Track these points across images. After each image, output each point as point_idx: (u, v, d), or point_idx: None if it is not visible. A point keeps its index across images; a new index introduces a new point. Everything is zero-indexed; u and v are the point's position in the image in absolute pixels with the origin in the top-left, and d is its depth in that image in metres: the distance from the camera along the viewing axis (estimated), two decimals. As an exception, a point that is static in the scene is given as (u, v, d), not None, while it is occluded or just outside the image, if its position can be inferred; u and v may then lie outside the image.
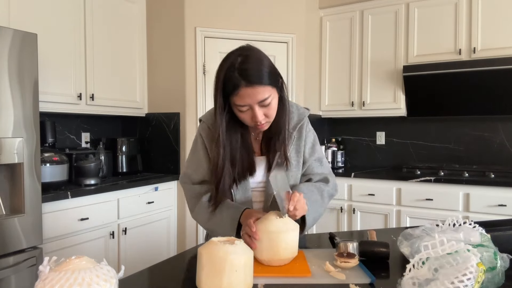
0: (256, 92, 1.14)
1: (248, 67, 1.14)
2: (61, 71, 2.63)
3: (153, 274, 1.08)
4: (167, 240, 3.14)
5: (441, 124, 3.53)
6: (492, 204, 2.78)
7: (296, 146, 1.37)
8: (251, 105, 1.16)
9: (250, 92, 1.14)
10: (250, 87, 1.13)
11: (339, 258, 1.06)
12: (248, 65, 1.14)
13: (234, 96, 1.16)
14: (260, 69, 1.15)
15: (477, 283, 0.73)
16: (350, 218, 3.33)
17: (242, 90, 1.14)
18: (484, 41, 3.05)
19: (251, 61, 1.16)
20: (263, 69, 1.16)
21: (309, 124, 1.42)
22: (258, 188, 1.37)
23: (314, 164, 1.42)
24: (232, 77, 1.14)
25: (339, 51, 3.68)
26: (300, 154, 1.38)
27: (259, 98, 1.15)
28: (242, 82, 1.13)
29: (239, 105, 1.17)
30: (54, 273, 0.73)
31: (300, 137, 1.38)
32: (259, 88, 1.14)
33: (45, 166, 2.32)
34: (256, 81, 1.14)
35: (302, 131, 1.38)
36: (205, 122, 1.36)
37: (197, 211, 1.35)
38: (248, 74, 1.13)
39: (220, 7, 3.20)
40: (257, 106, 1.17)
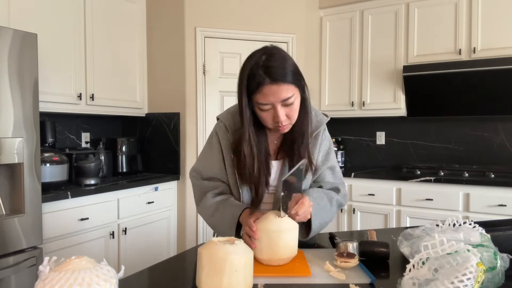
0: (280, 90, 1.13)
1: (272, 65, 1.13)
2: (61, 71, 2.63)
3: (153, 274, 1.08)
4: (167, 240, 3.14)
5: (441, 124, 3.53)
6: (492, 204, 2.78)
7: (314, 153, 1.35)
8: (273, 104, 1.15)
9: (274, 90, 1.13)
10: (275, 85, 1.12)
11: (339, 258, 1.06)
12: (273, 62, 1.14)
13: (257, 94, 1.14)
14: (284, 67, 1.14)
15: (477, 283, 0.73)
16: (350, 218, 3.33)
17: (266, 88, 1.13)
18: (484, 41, 3.05)
19: (276, 59, 1.15)
20: (287, 67, 1.15)
21: (326, 131, 1.41)
22: (269, 190, 1.35)
23: (326, 172, 1.40)
24: (256, 74, 1.13)
25: (339, 51, 3.68)
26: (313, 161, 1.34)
27: (283, 96, 1.14)
28: (267, 79, 1.12)
29: (261, 104, 1.15)
30: (54, 273, 0.73)
31: (314, 144, 1.35)
32: (283, 86, 1.13)
33: (45, 166, 2.32)
34: (280, 79, 1.12)
35: (317, 138, 1.36)
36: (223, 121, 1.34)
37: (202, 206, 1.36)
38: (272, 72, 1.12)
39: (220, 7, 3.20)
40: (279, 105, 1.15)
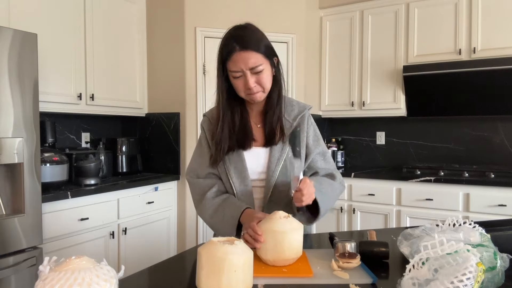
0: (248, 56, 1.21)
1: (242, 34, 1.24)
2: (61, 71, 2.63)
3: (153, 274, 1.08)
4: (167, 240, 3.14)
5: (441, 124, 3.53)
6: (492, 204, 2.78)
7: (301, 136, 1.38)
8: (243, 71, 1.23)
9: (243, 56, 1.21)
10: (244, 51, 1.21)
11: (341, 259, 1.06)
12: (243, 32, 1.24)
13: (229, 62, 1.23)
14: (254, 37, 1.24)
15: (476, 282, 0.73)
16: (350, 218, 3.33)
17: (235, 55, 1.22)
18: (484, 41, 3.05)
19: (247, 30, 1.26)
20: (257, 38, 1.24)
21: (311, 119, 1.44)
22: (258, 181, 1.37)
23: (318, 157, 1.43)
24: (228, 43, 1.24)
25: (339, 51, 3.68)
26: (303, 144, 1.39)
27: (251, 64, 1.22)
28: (236, 47, 1.21)
29: (233, 71, 1.24)
30: (54, 273, 0.73)
31: (302, 128, 1.39)
32: (251, 53, 1.21)
33: (45, 166, 2.32)
34: (248, 46, 1.21)
35: (303, 122, 1.40)
36: (207, 116, 1.42)
37: (202, 208, 1.36)
38: (242, 40, 1.22)
39: (220, 7, 3.20)
40: (249, 73, 1.23)
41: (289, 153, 1.35)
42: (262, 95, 1.30)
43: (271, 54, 1.28)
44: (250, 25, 1.28)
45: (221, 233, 1.30)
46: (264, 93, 1.29)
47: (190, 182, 1.43)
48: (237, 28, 1.26)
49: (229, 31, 1.27)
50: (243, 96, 1.30)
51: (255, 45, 1.22)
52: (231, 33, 1.25)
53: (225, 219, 1.28)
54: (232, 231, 1.24)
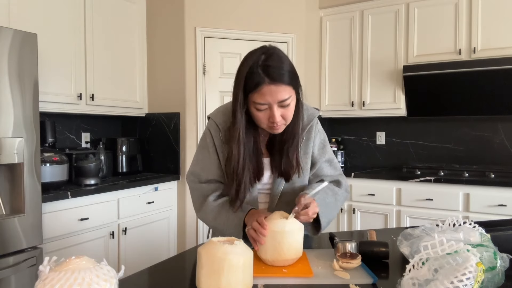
0: (278, 90, 1.13)
1: (272, 65, 1.13)
2: (61, 71, 2.63)
3: (153, 274, 1.08)
4: (167, 240, 3.14)
5: (441, 124, 3.53)
6: (492, 204, 2.78)
7: (304, 148, 1.35)
8: (270, 104, 1.15)
9: (272, 90, 1.13)
10: (273, 85, 1.13)
11: (341, 259, 1.06)
12: (272, 62, 1.14)
13: (255, 93, 1.14)
14: (283, 68, 1.14)
15: (476, 282, 0.73)
16: (350, 218, 3.33)
17: (264, 87, 1.13)
18: (484, 41, 3.05)
19: (275, 59, 1.15)
20: (286, 68, 1.15)
21: (318, 125, 1.41)
22: (264, 189, 1.36)
23: (324, 165, 1.40)
24: (255, 73, 1.13)
25: (339, 51, 3.68)
26: (309, 156, 1.36)
27: (280, 97, 1.14)
28: (266, 79, 1.12)
29: (258, 103, 1.15)
30: (54, 273, 0.73)
31: (308, 138, 1.36)
32: (281, 86, 1.13)
33: (45, 166, 2.32)
34: (279, 79, 1.13)
35: (311, 132, 1.36)
36: (214, 120, 1.33)
37: (204, 211, 1.33)
38: (271, 72, 1.12)
39: (220, 7, 3.20)
40: (276, 106, 1.15)
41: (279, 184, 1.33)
42: (284, 127, 1.24)
43: (297, 81, 1.20)
44: (275, 51, 1.18)
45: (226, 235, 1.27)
46: (286, 124, 1.23)
47: (192, 187, 1.39)
48: (264, 54, 1.16)
49: (253, 58, 1.16)
50: (263, 127, 1.23)
51: (284, 77, 1.14)
52: (257, 61, 1.14)
53: (229, 219, 1.25)
54: (237, 232, 1.22)
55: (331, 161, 1.42)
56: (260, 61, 1.14)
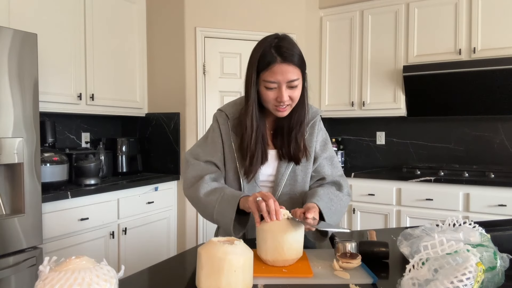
0: (288, 70, 1.20)
1: (284, 45, 1.22)
2: (61, 71, 2.63)
3: (153, 274, 1.08)
4: (167, 240, 3.14)
5: (441, 124, 3.53)
6: (492, 204, 2.78)
7: (308, 142, 1.38)
8: (279, 83, 1.21)
9: (283, 69, 1.20)
10: (284, 64, 1.20)
11: (341, 259, 1.06)
12: (284, 44, 1.23)
13: (266, 72, 1.21)
14: (293, 50, 1.23)
15: (476, 282, 0.73)
16: (350, 218, 3.33)
17: (276, 66, 1.20)
18: (484, 41, 3.05)
19: (287, 42, 1.24)
20: (296, 52, 1.24)
21: (321, 123, 1.45)
22: (267, 182, 1.38)
23: (325, 162, 1.42)
24: (268, 53, 1.21)
25: (339, 51, 3.68)
26: (312, 149, 1.39)
27: (289, 77, 1.21)
28: (278, 58, 1.19)
29: (269, 81, 1.21)
30: (54, 273, 0.73)
31: (312, 133, 1.40)
32: (291, 67, 1.21)
33: (45, 166, 2.32)
34: (290, 60, 1.20)
35: (314, 128, 1.41)
36: (224, 110, 1.39)
37: (196, 187, 1.32)
38: (284, 52, 1.20)
39: (220, 7, 3.20)
40: (284, 86, 1.22)
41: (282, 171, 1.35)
42: (289, 110, 1.29)
43: (304, 67, 1.28)
44: (288, 37, 1.28)
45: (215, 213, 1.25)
46: (291, 107, 1.29)
47: (189, 162, 1.39)
48: (277, 38, 1.24)
49: (267, 41, 1.24)
50: (269, 107, 1.28)
51: (295, 58, 1.22)
52: (270, 42, 1.22)
53: (224, 197, 1.24)
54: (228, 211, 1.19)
55: (332, 160, 1.44)
56: (274, 43, 1.22)
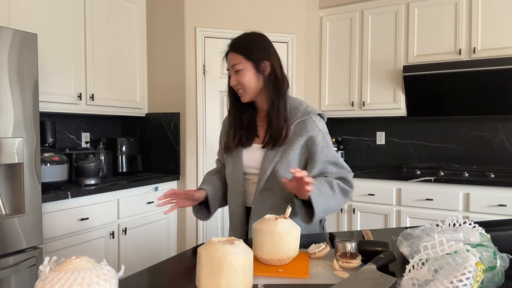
0: (232, 57, 1.41)
1: (235, 38, 1.45)
2: (61, 71, 2.63)
3: (153, 274, 1.08)
4: (167, 240, 3.14)
5: (441, 124, 3.53)
6: (492, 204, 2.78)
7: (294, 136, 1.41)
8: (229, 69, 1.43)
9: (230, 57, 1.42)
10: (231, 52, 1.42)
11: (341, 259, 1.06)
12: (238, 37, 1.45)
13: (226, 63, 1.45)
14: (243, 40, 1.43)
15: (476, 282, 0.73)
16: (350, 218, 3.33)
17: (228, 55, 1.44)
18: (484, 41, 3.05)
19: (243, 35, 1.45)
20: (245, 41, 1.43)
21: (318, 125, 1.45)
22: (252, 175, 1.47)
23: (327, 165, 1.43)
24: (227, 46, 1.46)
25: (339, 51, 3.68)
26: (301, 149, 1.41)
27: (231, 62, 1.41)
28: (228, 48, 1.44)
29: (227, 69, 1.45)
30: (54, 273, 0.73)
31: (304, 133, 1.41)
32: (234, 54, 1.41)
33: (45, 166, 2.32)
34: (233, 48, 1.42)
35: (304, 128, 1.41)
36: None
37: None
38: (232, 43, 1.45)
39: (220, 7, 3.20)
40: (232, 71, 1.41)
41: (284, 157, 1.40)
42: (245, 95, 1.42)
43: (258, 58, 1.38)
44: (252, 33, 1.45)
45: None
46: (246, 93, 1.41)
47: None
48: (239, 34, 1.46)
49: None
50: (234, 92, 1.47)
51: (238, 47, 1.40)
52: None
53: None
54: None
55: (336, 161, 1.45)
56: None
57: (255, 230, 1.12)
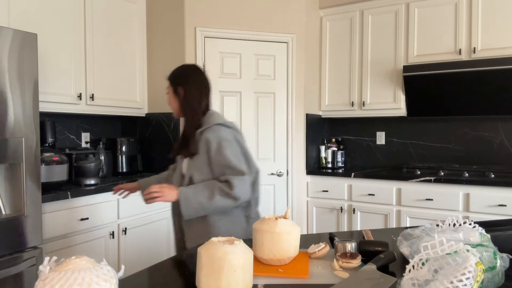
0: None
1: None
2: (61, 71, 2.63)
3: (153, 274, 1.08)
4: (167, 240, 3.14)
5: (441, 124, 3.53)
6: (492, 204, 2.79)
7: (198, 144, 1.67)
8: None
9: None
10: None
11: (341, 259, 1.06)
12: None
13: None
14: (173, 70, 1.78)
15: (476, 282, 0.73)
16: (350, 218, 3.33)
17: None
18: (484, 41, 3.05)
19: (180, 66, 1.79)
20: (174, 71, 1.77)
21: (216, 132, 1.65)
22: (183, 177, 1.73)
23: (226, 169, 1.62)
24: None
25: (339, 51, 3.68)
26: (200, 150, 1.66)
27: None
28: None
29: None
30: (54, 273, 0.73)
31: (200, 138, 1.67)
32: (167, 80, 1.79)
33: (45, 166, 2.32)
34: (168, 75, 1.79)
35: (204, 137, 1.65)
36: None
37: None
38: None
39: (220, 7, 3.20)
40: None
41: (195, 164, 1.67)
42: (175, 113, 1.77)
43: (176, 84, 1.73)
44: (184, 65, 1.80)
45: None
46: (173, 110, 1.77)
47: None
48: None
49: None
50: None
51: (169, 75, 1.77)
52: None
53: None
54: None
55: (229, 166, 1.61)
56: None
57: (255, 230, 1.12)
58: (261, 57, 3.32)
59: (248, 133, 3.30)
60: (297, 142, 3.42)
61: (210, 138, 1.63)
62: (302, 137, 3.46)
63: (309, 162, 3.56)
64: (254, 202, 1.73)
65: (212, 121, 1.68)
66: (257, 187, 1.74)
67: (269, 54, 3.34)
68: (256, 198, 1.75)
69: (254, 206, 1.73)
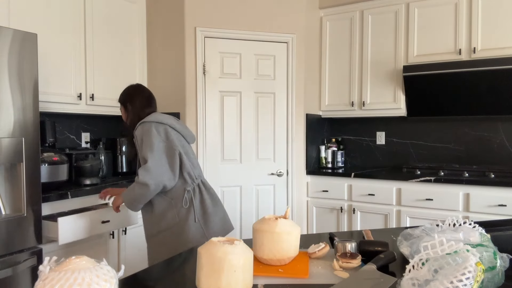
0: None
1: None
2: (61, 71, 2.63)
3: (153, 274, 1.08)
4: (167, 240, 3.13)
5: (441, 124, 3.53)
6: (492, 204, 2.79)
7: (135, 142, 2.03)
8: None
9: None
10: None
11: (341, 259, 1.06)
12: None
13: None
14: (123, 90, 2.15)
15: (476, 282, 0.73)
16: (350, 218, 3.33)
17: None
18: (484, 41, 3.05)
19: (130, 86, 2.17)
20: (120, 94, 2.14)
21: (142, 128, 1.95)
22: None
23: (141, 159, 1.99)
24: None
25: (339, 51, 3.68)
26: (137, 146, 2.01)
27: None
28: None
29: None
30: (54, 273, 0.73)
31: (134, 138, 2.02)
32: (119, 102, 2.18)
33: (45, 166, 2.32)
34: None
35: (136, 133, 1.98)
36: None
37: None
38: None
39: (220, 7, 3.20)
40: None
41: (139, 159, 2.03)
42: (128, 123, 2.11)
43: (124, 102, 2.11)
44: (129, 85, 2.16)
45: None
46: (128, 122, 2.11)
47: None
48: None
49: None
50: None
51: (119, 98, 2.15)
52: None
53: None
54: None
55: (144, 159, 1.91)
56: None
57: (255, 230, 1.12)
58: (261, 57, 3.32)
59: (248, 133, 3.30)
60: (297, 142, 3.43)
61: (136, 135, 1.98)
62: (302, 137, 3.46)
63: (309, 162, 3.56)
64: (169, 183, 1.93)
65: (142, 120, 1.99)
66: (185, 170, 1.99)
67: (269, 54, 3.34)
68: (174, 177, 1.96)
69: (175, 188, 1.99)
